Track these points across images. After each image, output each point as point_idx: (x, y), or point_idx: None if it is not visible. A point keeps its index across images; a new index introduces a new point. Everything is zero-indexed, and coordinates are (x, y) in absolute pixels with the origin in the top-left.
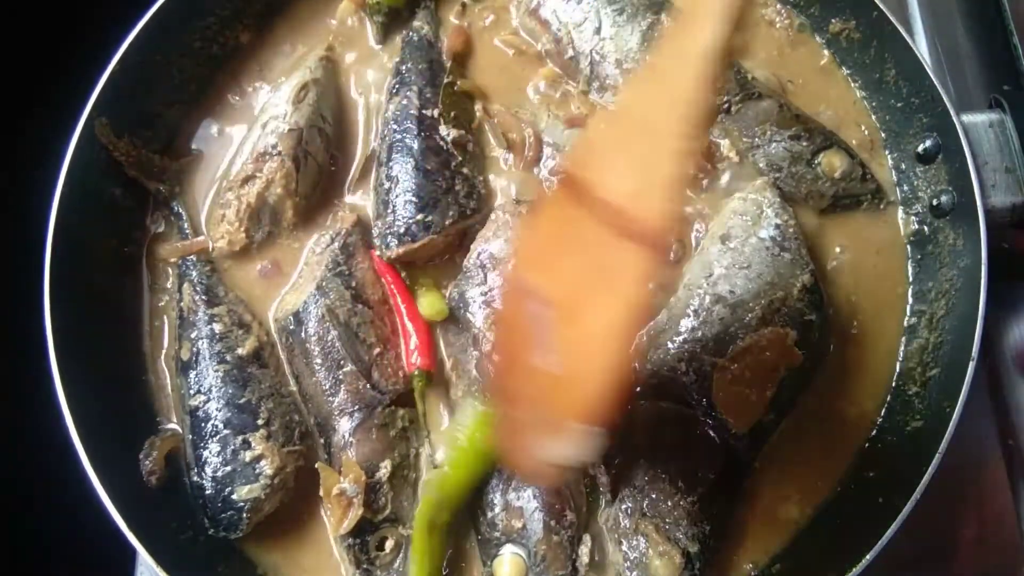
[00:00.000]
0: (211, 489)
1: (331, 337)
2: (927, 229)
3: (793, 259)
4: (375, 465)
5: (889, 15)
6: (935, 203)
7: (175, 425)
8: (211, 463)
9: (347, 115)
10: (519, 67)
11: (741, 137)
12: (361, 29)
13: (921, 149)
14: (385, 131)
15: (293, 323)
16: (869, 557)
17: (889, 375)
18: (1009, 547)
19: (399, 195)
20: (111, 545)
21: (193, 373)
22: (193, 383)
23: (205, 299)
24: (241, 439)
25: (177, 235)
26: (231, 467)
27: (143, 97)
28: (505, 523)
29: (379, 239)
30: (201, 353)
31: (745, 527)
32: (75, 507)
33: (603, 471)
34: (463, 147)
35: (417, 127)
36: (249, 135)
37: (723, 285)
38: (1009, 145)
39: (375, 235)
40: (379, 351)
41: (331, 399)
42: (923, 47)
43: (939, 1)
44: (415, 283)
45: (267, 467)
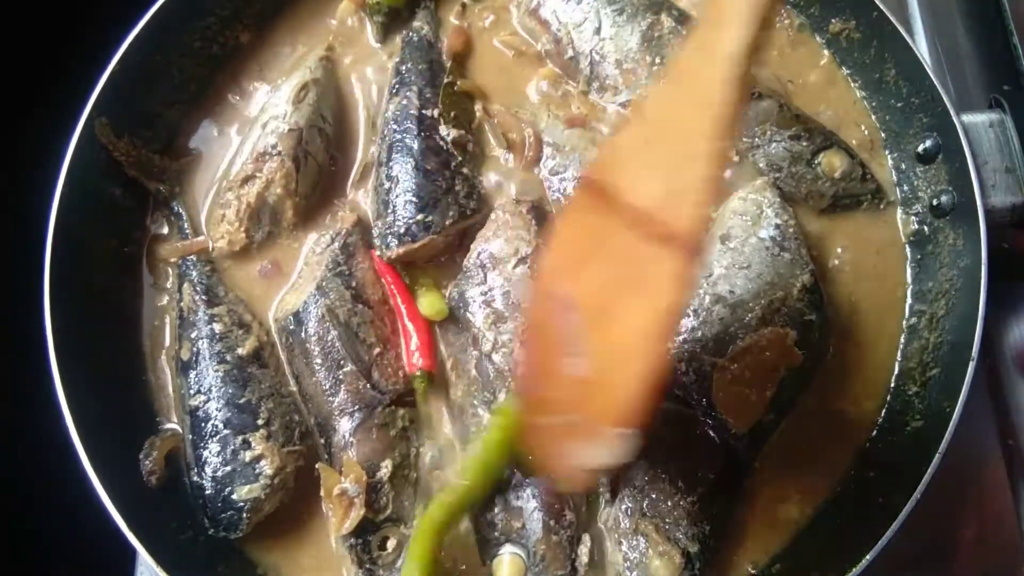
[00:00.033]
0: (211, 489)
1: (331, 337)
2: (927, 229)
3: (793, 259)
4: (376, 465)
5: (889, 15)
6: (935, 203)
7: (175, 425)
8: (211, 463)
9: (347, 115)
10: (519, 67)
11: (741, 137)
12: (361, 29)
13: (921, 149)
14: (385, 131)
15: (293, 323)
16: (869, 557)
17: (889, 375)
18: (1009, 547)
19: (399, 195)
20: (111, 545)
21: (193, 373)
22: (193, 383)
23: (205, 299)
24: (241, 439)
25: (177, 235)
26: (231, 467)
27: (143, 97)
28: (504, 523)
29: (379, 239)
30: (201, 353)
31: (745, 527)
32: (75, 507)
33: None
34: (463, 147)
35: (417, 127)
36: (249, 135)
37: (723, 285)
38: (1009, 145)
39: (375, 235)
40: (379, 351)
41: (331, 399)
42: (923, 47)
43: (939, 1)
44: (415, 283)
45: (267, 467)
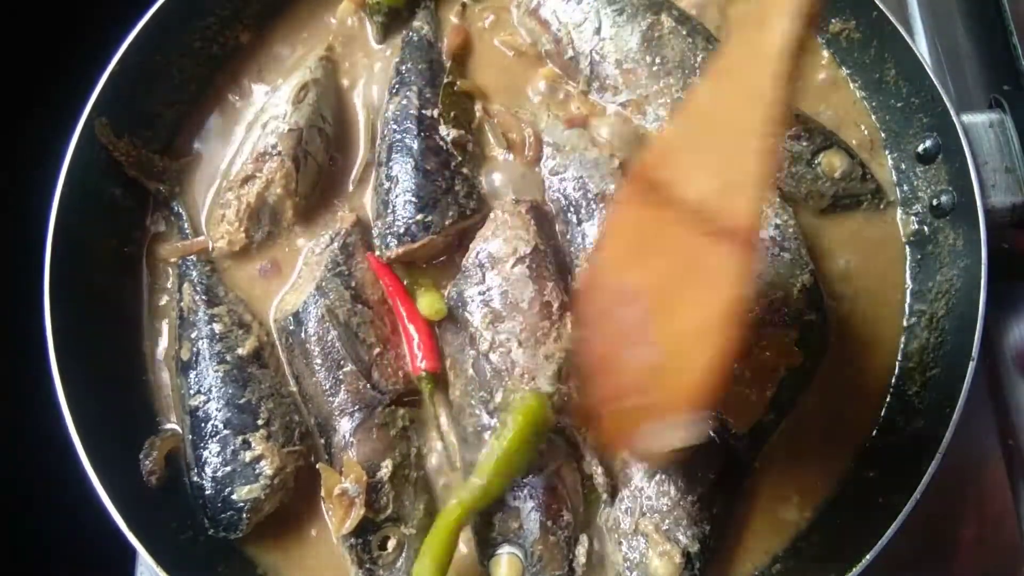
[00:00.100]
0: (211, 489)
1: (331, 337)
2: (927, 229)
3: (793, 259)
4: (376, 465)
5: (889, 15)
6: (935, 203)
7: (175, 425)
8: (211, 463)
9: (347, 115)
10: (519, 67)
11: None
12: (361, 29)
13: (921, 149)
14: (385, 131)
15: (293, 323)
16: (869, 557)
17: (889, 375)
18: (1009, 547)
19: (399, 195)
20: (111, 545)
21: (193, 373)
22: (193, 383)
23: (205, 299)
24: (241, 439)
25: (177, 235)
26: (231, 467)
27: (143, 97)
28: (502, 523)
29: (379, 239)
30: (201, 353)
31: (745, 527)
32: (75, 507)
33: (601, 471)
34: (463, 147)
35: (417, 127)
36: (249, 135)
37: None
38: (1009, 145)
39: (375, 235)
40: (379, 351)
41: (331, 399)
42: (923, 47)
43: (939, 1)
44: (415, 283)
45: (267, 467)
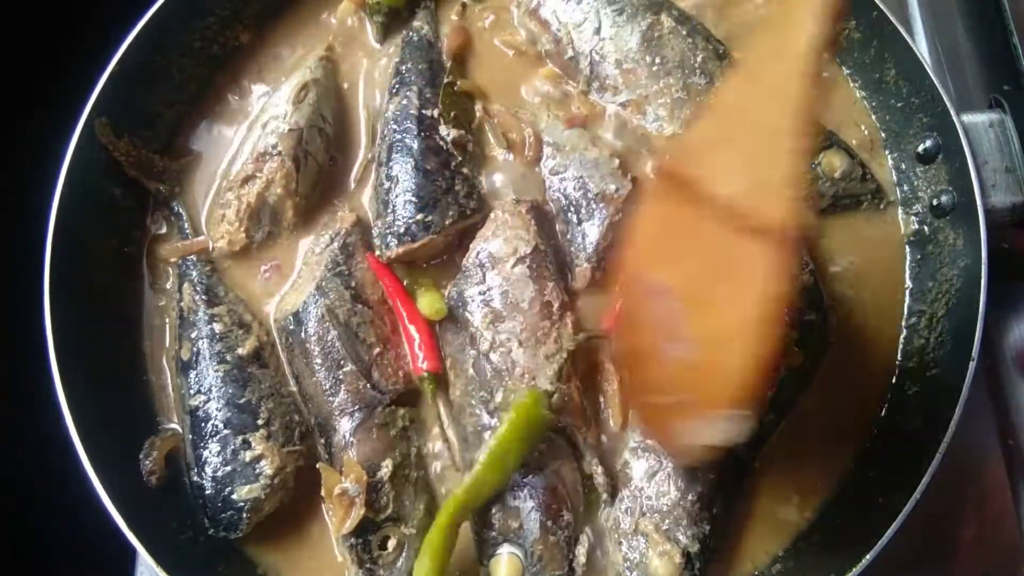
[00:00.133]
0: (211, 489)
1: (331, 337)
2: (927, 229)
3: None
4: (376, 464)
5: (889, 15)
6: (935, 203)
7: (175, 425)
8: (211, 463)
9: (347, 115)
10: (519, 67)
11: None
12: (361, 29)
13: (921, 149)
14: (385, 131)
15: (293, 323)
16: (869, 557)
17: (889, 375)
18: (1009, 547)
19: (399, 195)
20: (111, 545)
21: (193, 373)
22: (193, 383)
23: (205, 299)
24: (241, 439)
25: (177, 235)
26: (231, 467)
27: (143, 97)
28: (502, 523)
29: (379, 239)
30: (201, 353)
31: (745, 527)
32: (75, 507)
33: (601, 471)
34: (463, 147)
35: (417, 127)
36: (249, 135)
37: None
38: (1009, 145)
39: (375, 235)
40: (379, 351)
41: (331, 399)
42: (923, 47)
43: (939, 1)
44: (415, 283)
45: (267, 467)
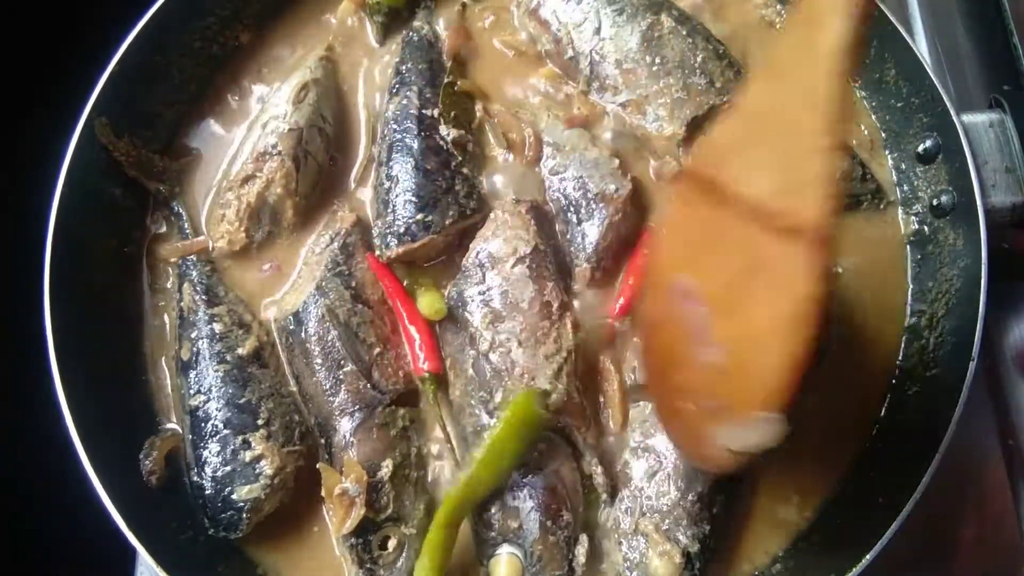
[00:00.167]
0: (211, 489)
1: (331, 337)
2: (927, 229)
3: None
4: (376, 464)
5: (889, 15)
6: (935, 203)
7: (175, 425)
8: (211, 463)
9: (347, 115)
10: (519, 67)
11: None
12: (361, 29)
13: (921, 149)
14: (385, 131)
15: (293, 323)
16: (869, 557)
17: (889, 375)
18: (1009, 547)
19: (399, 195)
20: (111, 545)
21: (193, 373)
22: (193, 383)
23: (205, 299)
24: (241, 439)
25: (177, 235)
26: (231, 467)
27: (143, 97)
28: (501, 523)
29: (379, 239)
30: (201, 353)
31: (745, 527)
32: (75, 507)
33: (601, 471)
34: (463, 147)
35: (417, 127)
36: (249, 135)
37: None
38: (1009, 145)
39: (375, 235)
40: (379, 351)
41: (331, 399)
42: (923, 47)
43: (939, 1)
44: (415, 283)
45: (267, 467)
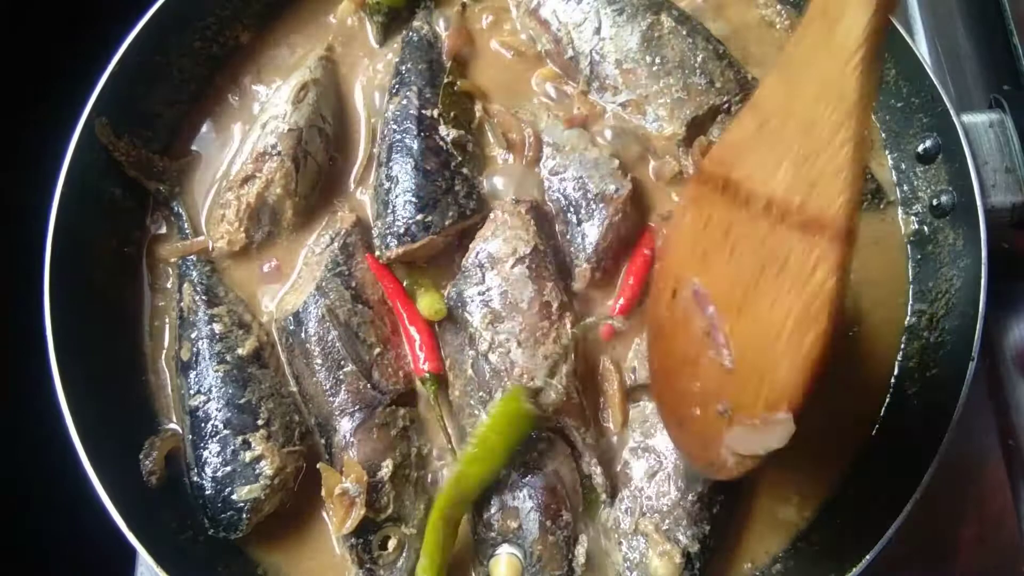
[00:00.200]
0: (211, 489)
1: (331, 337)
2: (927, 229)
3: None
4: (377, 465)
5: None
6: (935, 203)
7: (175, 425)
8: (211, 463)
9: (347, 115)
10: (519, 67)
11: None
12: (361, 29)
13: (921, 149)
14: (385, 131)
15: (293, 323)
16: (869, 557)
17: (889, 375)
18: (1009, 547)
19: (399, 195)
20: (111, 545)
21: (193, 373)
22: (193, 383)
23: (205, 299)
24: (241, 439)
25: (177, 235)
26: (231, 467)
27: (143, 97)
28: (501, 523)
29: (379, 239)
30: (201, 353)
31: (745, 527)
32: (75, 507)
33: (601, 471)
34: (463, 147)
35: (417, 127)
36: (249, 135)
37: None
38: (1009, 145)
39: (375, 235)
40: (379, 351)
41: (332, 399)
42: (923, 47)
43: (939, 1)
44: (415, 283)
45: (267, 467)
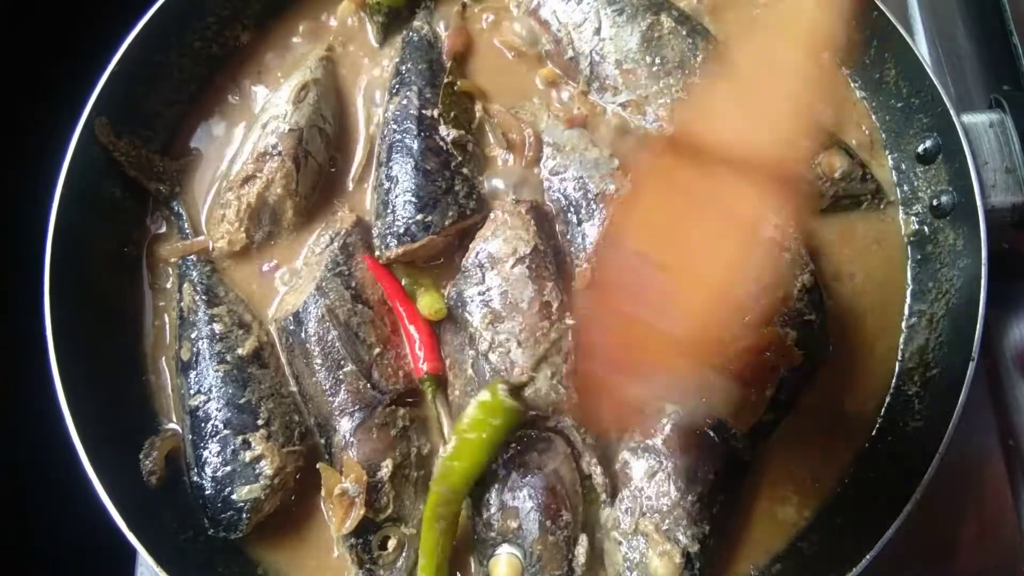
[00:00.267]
0: (211, 489)
1: (331, 337)
2: (927, 229)
3: (793, 259)
4: (376, 464)
5: (889, 15)
6: (935, 203)
7: (175, 425)
8: (211, 463)
9: (347, 115)
10: (519, 67)
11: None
12: (361, 29)
13: (921, 149)
14: (385, 131)
15: (293, 323)
16: (869, 557)
17: (889, 375)
18: (1009, 547)
19: (399, 195)
20: (111, 545)
21: (193, 373)
22: (193, 383)
23: (205, 299)
24: (241, 439)
25: (177, 235)
26: (231, 467)
27: (143, 97)
28: (501, 523)
29: (379, 239)
30: (201, 353)
31: (745, 527)
32: (75, 507)
33: (600, 471)
34: (463, 147)
35: (417, 127)
36: (249, 135)
37: None
38: (1009, 145)
39: (375, 235)
40: (379, 351)
41: (331, 399)
42: (923, 47)
43: (939, 1)
44: (415, 283)
45: (267, 467)
